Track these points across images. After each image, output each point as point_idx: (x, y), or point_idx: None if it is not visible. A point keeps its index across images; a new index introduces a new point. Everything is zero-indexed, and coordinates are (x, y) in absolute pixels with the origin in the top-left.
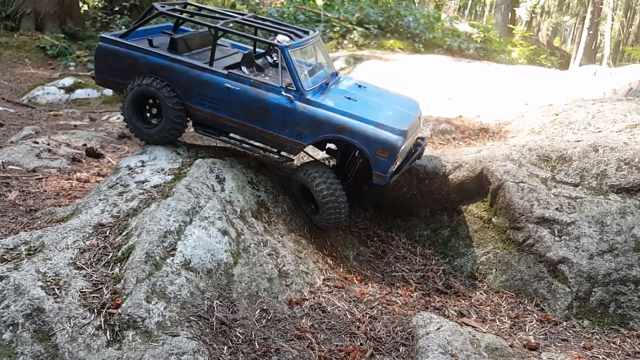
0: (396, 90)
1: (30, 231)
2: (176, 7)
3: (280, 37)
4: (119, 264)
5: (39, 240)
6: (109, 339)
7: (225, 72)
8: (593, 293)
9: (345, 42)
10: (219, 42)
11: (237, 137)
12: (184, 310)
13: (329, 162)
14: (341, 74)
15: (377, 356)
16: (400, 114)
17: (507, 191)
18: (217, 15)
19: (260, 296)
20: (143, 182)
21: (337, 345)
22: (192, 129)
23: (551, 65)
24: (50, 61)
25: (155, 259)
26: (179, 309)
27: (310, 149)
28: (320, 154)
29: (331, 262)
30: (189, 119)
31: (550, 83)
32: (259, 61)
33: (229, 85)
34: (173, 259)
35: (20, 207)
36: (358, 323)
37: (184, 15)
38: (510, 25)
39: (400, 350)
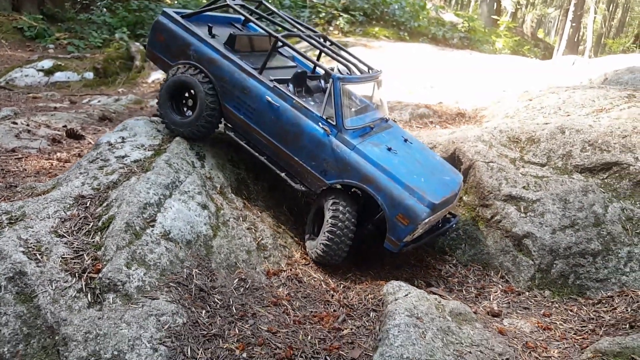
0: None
1: (11, 202)
2: (245, 4)
3: (340, 67)
4: (99, 233)
5: (20, 210)
6: (90, 300)
7: (271, 84)
8: (554, 265)
9: (331, 28)
10: (283, 52)
11: (262, 156)
12: (163, 277)
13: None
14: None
15: (349, 321)
16: (436, 184)
17: (478, 170)
18: (285, 23)
19: (239, 267)
20: (123, 157)
21: (311, 312)
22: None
23: (534, 56)
24: (28, 43)
25: (135, 228)
26: (159, 276)
27: None
28: None
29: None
30: (222, 119)
31: (530, 72)
32: (313, 83)
33: (269, 99)
34: (153, 230)
35: (0, 184)
36: (332, 292)
37: (247, 14)
38: (495, 16)
39: (371, 315)
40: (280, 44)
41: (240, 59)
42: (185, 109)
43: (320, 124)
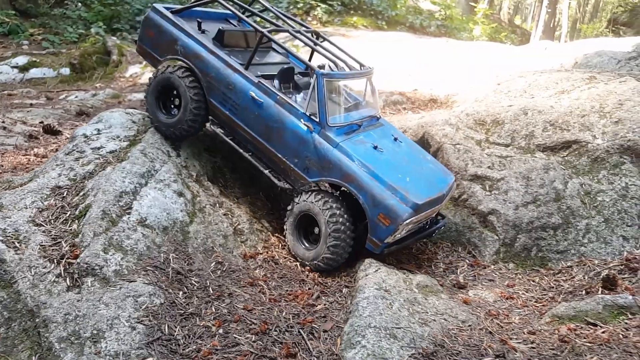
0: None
1: None
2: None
3: (330, 63)
4: (76, 221)
5: None
6: (68, 284)
7: (256, 80)
8: (518, 239)
9: (309, 18)
10: (278, 49)
11: (247, 152)
12: (140, 261)
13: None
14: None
15: (323, 297)
16: (422, 184)
17: (445, 152)
18: (279, 20)
19: (216, 251)
20: (99, 148)
21: (286, 290)
22: None
23: (511, 42)
24: (1, 39)
25: (112, 216)
26: (136, 260)
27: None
28: None
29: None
30: (209, 119)
31: (504, 58)
32: (303, 80)
33: (254, 95)
34: (129, 217)
35: None
36: (307, 272)
37: (235, 9)
38: (473, 4)
39: (343, 291)
40: (265, 39)
41: (228, 55)
42: (173, 108)
43: (302, 120)
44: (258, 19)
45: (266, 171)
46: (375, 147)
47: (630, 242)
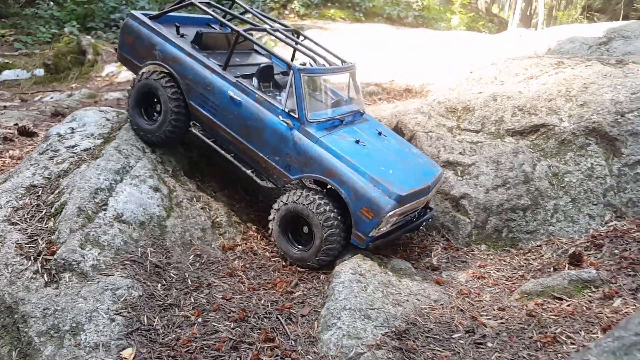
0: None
1: None
2: (212, 2)
3: (310, 61)
4: (52, 219)
5: None
6: (46, 280)
7: (234, 79)
8: (489, 221)
9: (287, 12)
10: (260, 51)
11: (229, 153)
12: (118, 256)
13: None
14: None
15: (301, 284)
16: (407, 176)
17: (418, 140)
18: (259, 21)
19: (194, 244)
20: (73, 146)
21: (265, 279)
22: None
23: (489, 31)
24: None
25: (88, 212)
26: (113, 255)
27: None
28: None
29: (263, 214)
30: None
31: (479, 47)
32: (284, 79)
33: (232, 94)
34: (105, 213)
35: None
36: (286, 261)
37: (212, 12)
38: None
39: (321, 277)
40: (242, 39)
41: (207, 57)
42: (155, 114)
43: (281, 117)
44: (238, 20)
45: (248, 171)
46: (357, 142)
47: (595, 219)
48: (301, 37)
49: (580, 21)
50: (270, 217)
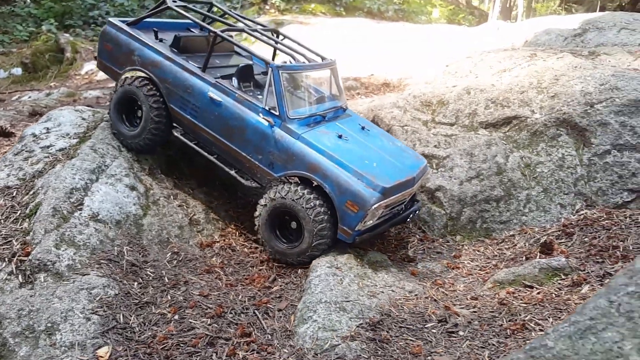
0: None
1: None
2: (187, 5)
3: (291, 59)
4: (27, 220)
5: None
6: (21, 281)
7: (213, 80)
8: (463, 212)
9: (267, 7)
10: (241, 52)
11: (210, 154)
12: (94, 255)
13: None
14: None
15: (279, 279)
16: (391, 169)
17: (394, 134)
18: (238, 22)
19: (171, 242)
20: (48, 146)
21: (243, 275)
22: None
23: (469, 24)
24: None
25: (63, 212)
26: (89, 254)
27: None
28: None
29: (242, 210)
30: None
31: (458, 40)
32: (264, 79)
33: (212, 95)
34: (81, 213)
35: None
36: (264, 256)
37: (187, 14)
38: None
39: (299, 272)
40: (220, 39)
41: (186, 60)
42: (136, 120)
43: (262, 115)
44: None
45: (232, 171)
46: (339, 137)
47: (567, 208)
48: (280, 37)
49: (559, 12)
50: (257, 214)
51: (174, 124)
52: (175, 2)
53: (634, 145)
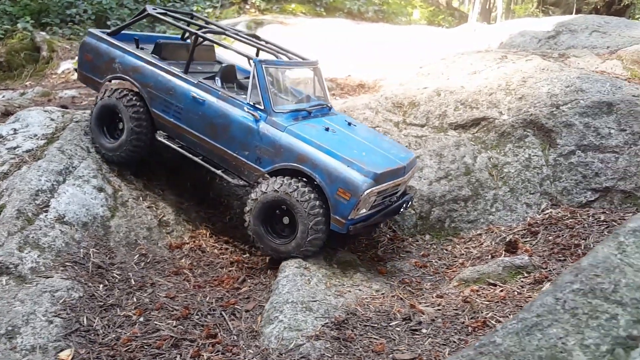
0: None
1: None
2: (168, 12)
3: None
4: None
5: None
6: None
7: (195, 80)
8: (432, 212)
9: (247, 6)
10: (222, 59)
11: (195, 156)
12: (59, 258)
13: None
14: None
15: (249, 280)
16: (380, 158)
17: None
18: (218, 30)
19: (140, 243)
20: (15, 147)
21: (212, 276)
22: None
23: (448, 25)
24: None
25: (27, 214)
26: (54, 257)
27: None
28: None
29: (213, 211)
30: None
31: (436, 42)
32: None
33: (195, 95)
34: (46, 215)
35: None
36: (234, 258)
37: (168, 19)
38: None
39: (268, 272)
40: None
41: (167, 64)
42: (118, 132)
43: (245, 109)
44: (194, 24)
45: (219, 171)
46: (326, 129)
47: (532, 208)
48: (262, 42)
49: (536, 15)
50: (247, 209)
51: (158, 129)
52: (155, 9)
53: (597, 145)
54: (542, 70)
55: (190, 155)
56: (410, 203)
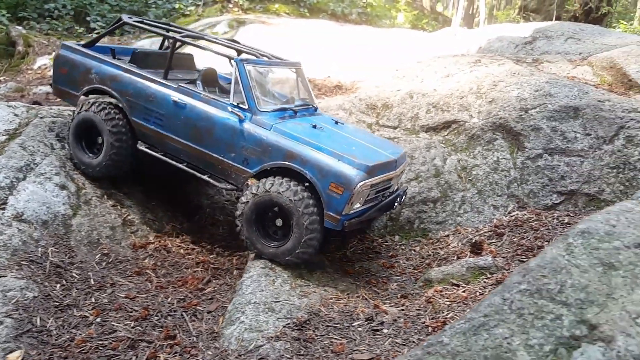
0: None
1: None
2: (144, 19)
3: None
4: None
5: None
6: None
7: (176, 85)
8: (402, 213)
9: (230, 5)
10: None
11: (179, 163)
12: (14, 257)
13: None
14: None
15: (214, 281)
16: (370, 152)
17: None
18: (197, 34)
19: (102, 243)
20: None
21: (176, 277)
22: None
23: (432, 29)
24: None
25: None
26: (9, 256)
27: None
28: None
29: (181, 210)
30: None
31: (417, 45)
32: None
33: (176, 99)
34: (4, 212)
35: None
36: (201, 257)
37: (145, 26)
38: None
39: (234, 273)
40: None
41: (148, 72)
42: (97, 147)
43: (229, 109)
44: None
45: (205, 177)
46: (314, 126)
47: (499, 210)
48: (242, 45)
49: (518, 21)
50: (238, 213)
51: (139, 140)
52: (130, 18)
53: (564, 149)
54: (512, 75)
55: (174, 163)
56: (403, 198)
